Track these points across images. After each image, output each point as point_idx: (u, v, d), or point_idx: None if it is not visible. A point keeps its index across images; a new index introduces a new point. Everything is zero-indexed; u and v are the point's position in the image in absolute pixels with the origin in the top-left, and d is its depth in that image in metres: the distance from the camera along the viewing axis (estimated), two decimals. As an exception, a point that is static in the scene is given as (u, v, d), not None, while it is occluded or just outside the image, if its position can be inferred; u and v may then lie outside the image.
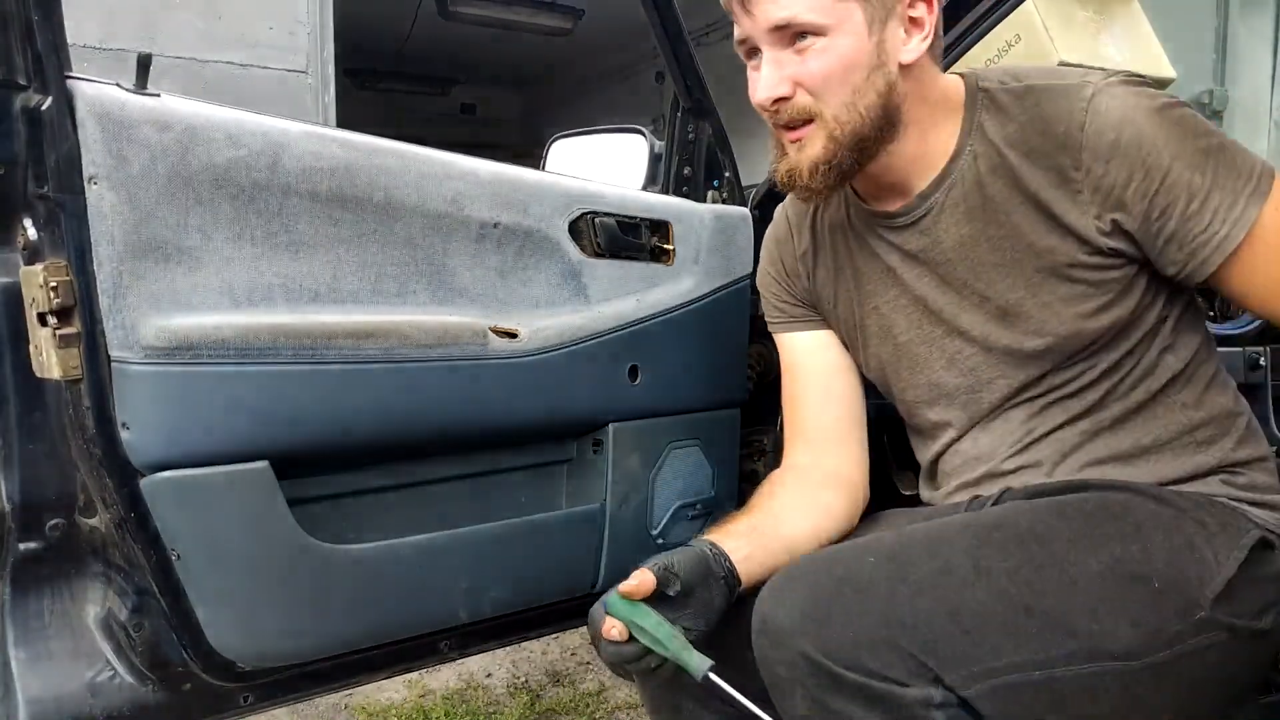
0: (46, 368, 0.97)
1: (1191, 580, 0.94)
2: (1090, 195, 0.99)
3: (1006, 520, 0.96)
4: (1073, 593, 0.90)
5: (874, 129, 1.01)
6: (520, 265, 1.27)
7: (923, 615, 0.86)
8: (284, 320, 1.06)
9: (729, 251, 1.50)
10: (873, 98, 1.00)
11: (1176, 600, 0.92)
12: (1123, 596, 0.91)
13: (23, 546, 1.03)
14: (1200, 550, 0.95)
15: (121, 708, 1.08)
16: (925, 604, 0.86)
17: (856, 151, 1.02)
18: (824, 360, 1.25)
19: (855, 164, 1.03)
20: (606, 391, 1.36)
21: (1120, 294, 1.02)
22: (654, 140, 1.63)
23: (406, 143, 1.18)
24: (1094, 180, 0.98)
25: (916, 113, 1.05)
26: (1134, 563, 0.92)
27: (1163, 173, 0.96)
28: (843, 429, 1.22)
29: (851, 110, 1.00)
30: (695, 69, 1.50)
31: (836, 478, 1.18)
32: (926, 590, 0.87)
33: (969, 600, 0.87)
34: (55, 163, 0.93)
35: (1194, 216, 0.96)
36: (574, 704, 2.25)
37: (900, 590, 0.87)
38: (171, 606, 1.06)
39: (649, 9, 1.42)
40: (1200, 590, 0.93)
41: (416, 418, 1.18)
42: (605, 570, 1.41)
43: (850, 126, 1.00)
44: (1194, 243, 0.97)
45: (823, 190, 1.03)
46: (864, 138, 1.01)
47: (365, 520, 1.21)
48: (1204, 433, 1.05)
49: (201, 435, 1.02)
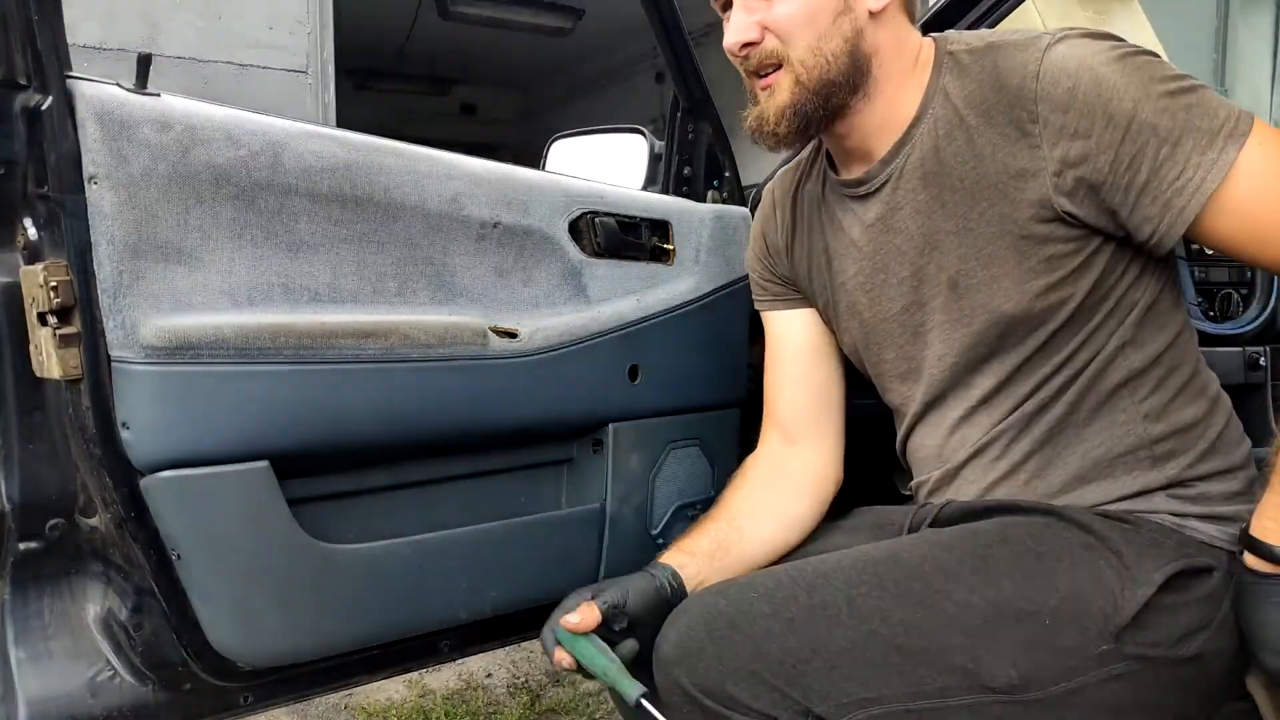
0: (46, 368, 0.97)
1: (1093, 613, 0.93)
2: (1049, 150, 0.94)
3: (898, 555, 0.99)
4: (948, 630, 0.92)
5: (841, 75, 1.01)
6: (520, 265, 1.27)
7: (790, 651, 0.90)
8: (284, 320, 1.06)
9: (729, 251, 1.50)
10: (839, 43, 1.00)
11: (1072, 634, 0.92)
12: (1004, 633, 0.92)
13: (23, 546, 1.03)
14: (1107, 583, 0.93)
15: (121, 708, 1.08)
16: (794, 641, 0.90)
17: (823, 98, 1.01)
18: (803, 340, 1.25)
19: (822, 112, 1.02)
20: (606, 391, 1.36)
21: (1075, 271, 0.98)
22: (654, 140, 1.63)
23: (406, 143, 1.18)
24: (1053, 132, 0.94)
25: (887, 69, 1.03)
26: (1021, 599, 0.93)
27: (1128, 118, 0.91)
28: (816, 414, 1.23)
29: (818, 55, 1.00)
30: (695, 69, 1.50)
31: (805, 476, 1.21)
32: (798, 627, 0.91)
33: (837, 637, 0.91)
34: (55, 162, 0.93)
35: (1166, 162, 0.91)
36: (574, 704, 2.25)
37: (774, 627, 0.91)
38: (171, 606, 1.06)
39: (649, 9, 1.42)
40: (1104, 623, 0.92)
41: (416, 418, 1.18)
42: (605, 570, 1.41)
43: (817, 71, 1.00)
44: (1169, 191, 0.91)
45: (788, 137, 1.03)
46: (830, 83, 1.01)
47: (365, 520, 1.21)
48: (1162, 447, 1.01)
49: (202, 435, 1.02)
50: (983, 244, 1.00)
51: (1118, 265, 0.99)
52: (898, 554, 0.99)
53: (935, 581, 0.94)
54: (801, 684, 0.89)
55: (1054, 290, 0.98)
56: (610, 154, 1.72)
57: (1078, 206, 0.95)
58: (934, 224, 1.04)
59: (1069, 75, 0.92)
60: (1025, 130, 0.96)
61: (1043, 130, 0.94)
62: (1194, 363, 1.05)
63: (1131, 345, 1.01)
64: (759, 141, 1.07)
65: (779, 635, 0.91)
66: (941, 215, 1.03)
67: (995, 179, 0.98)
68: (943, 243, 1.03)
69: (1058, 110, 0.93)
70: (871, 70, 1.02)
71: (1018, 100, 0.95)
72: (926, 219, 1.04)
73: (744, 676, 0.90)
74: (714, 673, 0.91)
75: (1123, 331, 1.00)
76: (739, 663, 0.90)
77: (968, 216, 1.01)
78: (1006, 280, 0.99)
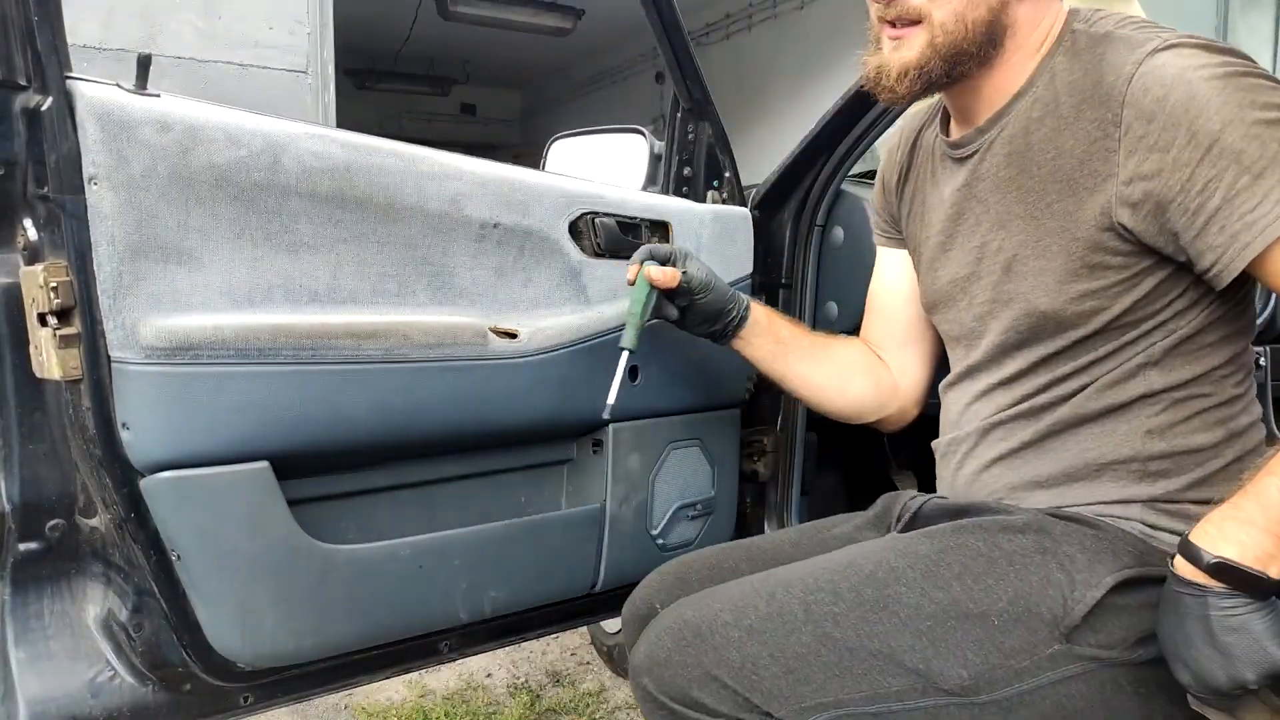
0: (46, 368, 0.97)
1: (1041, 614, 0.93)
2: (1124, 158, 0.91)
3: (855, 562, 1.01)
4: (900, 632, 0.94)
5: (974, 46, 0.98)
6: (520, 265, 1.27)
7: (749, 657, 0.94)
8: (284, 320, 1.06)
9: (729, 252, 1.50)
10: (983, 12, 0.97)
11: (1021, 635, 0.93)
12: (953, 634, 0.93)
13: (23, 547, 1.03)
14: (1057, 585, 0.94)
15: (121, 708, 1.08)
16: (753, 647, 0.94)
17: (949, 65, 0.99)
18: (894, 280, 1.29)
19: (945, 77, 1.00)
20: (607, 391, 1.36)
21: (1117, 285, 0.95)
22: (654, 140, 1.63)
23: (406, 143, 1.18)
24: (1132, 140, 0.90)
25: (1017, 42, 1.00)
26: (969, 601, 0.95)
27: (1211, 139, 0.85)
28: (899, 346, 1.30)
29: (959, 20, 0.97)
30: (695, 69, 1.50)
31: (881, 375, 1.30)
32: (756, 633, 0.95)
33: (793, 643, 0.94)
34: (55, 163, 0.93)
35: (1243, 192, 0.85)
36: (574, 704, 2.25)
37: (734, 634, 0.95)
38: (171, 607, 1.06)
39: (649, 9, 1.42)
40: (1053, 624, 0.92)
41: (416, 418, 1.18)
42: (605, 570, 1.41)
43: (954, 37, 0.97)
44: (1238, 222, 0.85)
45: (904, 96, 1.02)
46: (962, 52, 0.98)
47: (365, 520, 1.21)
48: (1157, 465, 0.99)
49: (202, 435, 1.02)
50: (1042, 235, 0.99)
51: (1167, 291, 0.95)
52: (854, 561, 1.01)
53: (887, 585, 0.97)
54: (761, 688, 0.93)
55: (1090, 298, 0.96)
56: (610, 154, 1.72)
57: (1138, 222, 0.91)
58: (1008, 203, 1.02)
59: (1162, 85, 0.88)
60: (1107, 132, 0.92)
61: (1123, 136, 0.91)
62: (1229, 396, 1.00)
63: (1155, 368, 0.98)
64: (872, 91, 1.05)
65: (739, 642, 0.95)
66: (1016, 196, 1.01)
67: (1070, 174, 0.96)
68: (1011, 224, 1.02)
69: (1142, 119, 0.89)
70: (1004, 43, 1.00)
71: (1108, 100, 0.92)
72: (1003, 196, 1.03)
73: (707, 682, 0.94)
74: (679, 679, 0.95)
75: (1150, 353, 0.97)
76: (702, 669, 0.95)
77: (1037, 204, 0.99)
78: (1050, 276, 0.98)
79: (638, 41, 8.35)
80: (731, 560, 1.19)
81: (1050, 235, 0.98)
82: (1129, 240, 0.93)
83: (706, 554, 1.23)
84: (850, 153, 1.55)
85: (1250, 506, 0.83)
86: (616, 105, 9.47)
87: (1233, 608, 0.81)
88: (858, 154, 1.56)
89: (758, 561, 1.18)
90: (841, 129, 1.52)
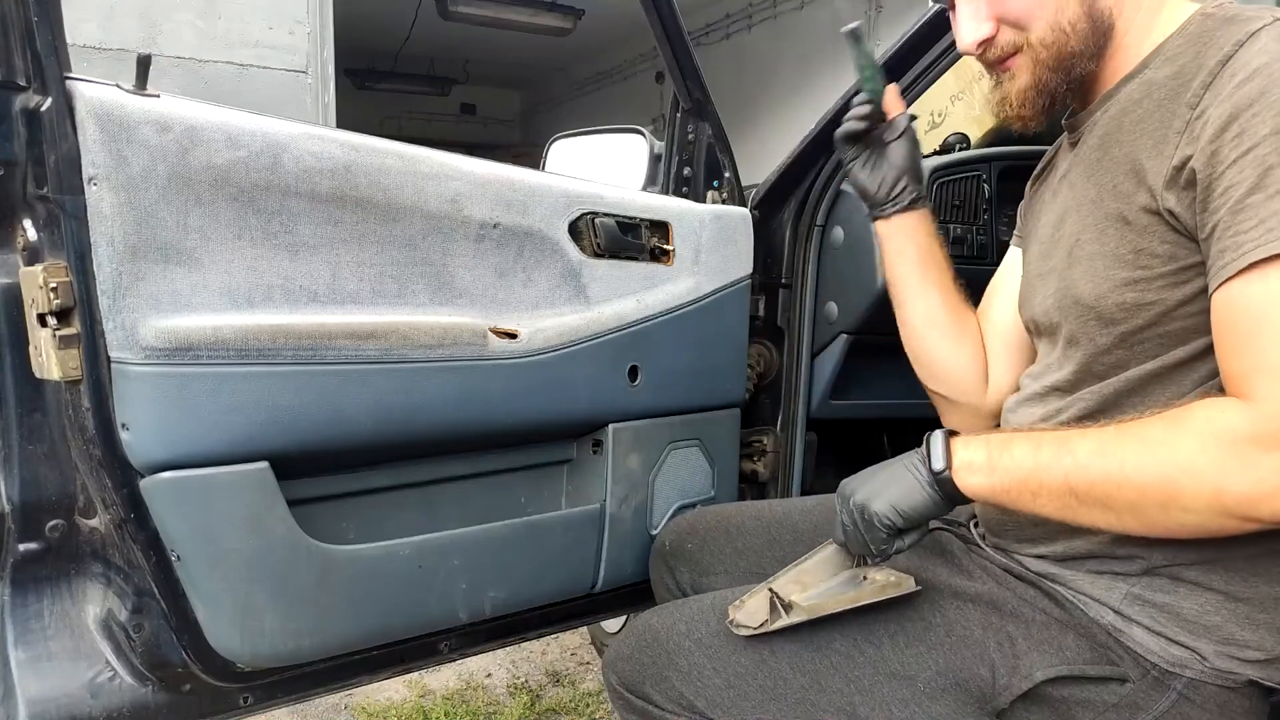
0: (46, 368, 0.97)
1: (970, 690, 0.95)
2: (1187, 140, 0.83)
3: None
4: (831, 674, 0.98)
5: (1082, 44, 0.95)
6: (520, 266, 1.27)
7: (696, 665, 1.02)
8: (284, 321, 1.06)
9: (729, 252, 1.50)
10: (1075, 9, 0.94)
11: (949, 705, 0.95)
12: (880, 689, 0.97)
13: (23, 547, 1.03)
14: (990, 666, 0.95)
15: (121, 708, 1.08)
16: (700, 658, 1.02)
17: (1065, 72, 0.97)
18: (1000, 282, 1.24)
19: (1065, 84, 0.97)
20: (606, 392, 1.36)
21: (1163, 278, 0.87)
22: (654, 140, 1.63)
23: (406, 143, 1.18)
24: (1200, 124, 0.82)
25: (1129, 18, 0.96)
26: (897, 661, 0.97)
27: (1254, 141, 0.77)
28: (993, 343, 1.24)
29: (1057, 30, 0.95)
30: (695, 69, 1.50)
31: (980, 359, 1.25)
32: (704, 647, 1.03)
33: (734, 661, 1.01)
34: (55, 163, 0.93)
35: (1249, 210, 0.77)
36: (574, 704, 2.25)
37: (685, 644, 1.04)
38: (171, 607, 1.06)
39: (649, 9, 1.42)
40: (982, 703, 0.95)
41: (416, 418, 1.18)
42: (605, 570, 1.41)
43: (1056, 48, 0.95)
44: (1228, 241, 0.79)
45: (1033, 117, 1.00)
46: (1072, 55, 0.96)
47: (365, 520, 1.21)
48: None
49: (201, 436, 1.02)
50: (1100, 218, 0.93)
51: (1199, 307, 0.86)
52: None
53: (822, 627, 0.99)
54: (705, 695, 1.00)
55: (1131, 288, 0.89)
56: (610, 154, 1.72)
57: (1182, 207, 0.84)
58: (1086, 187, 0.97)
59: (1247, 68, 0.80)
60: (1183, 115, 0.85)
61: (1195, 119, 0.83)
62: None
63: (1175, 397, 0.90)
64: (1009, 124, 1.02)
65: (688, 651, 1.03)
66: (1094, 179, 0.96)
67: (1140, 156, 0.89)
68: (1083, 207, 0.97)
69: (1218, 101, 0.81)
70: (1115, 24, 0.96)
71: (1195, 78, 0.85)
72: (1086, 179, 0.98)
73: (659, 681, 1.03)
74: (636, 676, 1.06)
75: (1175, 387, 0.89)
76: (655, 669, 1.04)
77: (1104, 186, 0.94)
78: (1100, 261, 0.92)
79: (638, 41, 8.35)
80: (739, 518, 1.29)
81: (1108, 219, 0.92)
82: (1175, 228, 0.86)
83: (719, 508, 1.36)
84: (850, 153, 1.55)
85: (1002, 461, 0.89)
86: (616, 105, 9.48)
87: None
88: (858, 154, 1.56)
89: (765, 522, 1.27)
90: (841, 129, 1.52)
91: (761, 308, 1.61)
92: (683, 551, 1.30)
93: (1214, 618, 0.90)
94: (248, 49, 4.41)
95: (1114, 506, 0.83)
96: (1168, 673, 0.91)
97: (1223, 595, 0.90)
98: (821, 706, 0.97)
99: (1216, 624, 0.90)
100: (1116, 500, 0.83)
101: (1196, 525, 0.81)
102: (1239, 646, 0.89)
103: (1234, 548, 0.88)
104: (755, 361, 1.62)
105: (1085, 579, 0.96)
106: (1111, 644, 0.93)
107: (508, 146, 10.83)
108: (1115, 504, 0.83)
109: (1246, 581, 0.89)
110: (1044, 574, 0.99)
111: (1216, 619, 0.90)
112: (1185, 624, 0.91)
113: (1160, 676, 0.91)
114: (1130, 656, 0.92)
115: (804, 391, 1.64)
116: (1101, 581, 0.95)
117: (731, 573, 1.25)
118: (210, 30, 4.29)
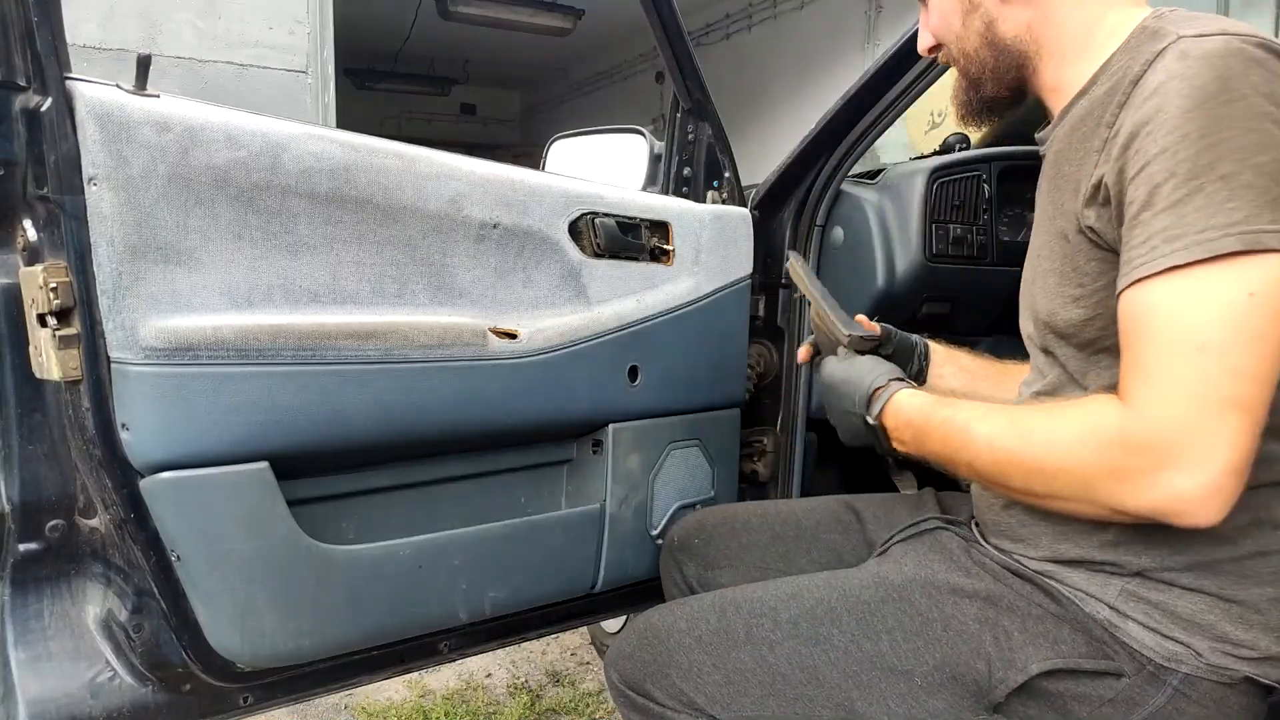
0: (46, 369, 0.97)
1: (967, 684, 0.96)
2: (1104, 155, 0.88)
3: (799, 594, 1.07)
4: (829, 669, 1.00)
5: (984, 69, 1.04)
6: (520, 266, 1.27)
7: (695, 663, 1.04)
8: (284, 321, 1.06)
9: (728, 252, 1.50)
10: (974, 39, 1.04)
11: (946, 699, 0.97)
12: (878, 685, 0.99)
13: (23, 547, 1.03)
14: (986, 660, 0.95)
15: (121, 708, 1.08)
16: (699, 655, 1.04)
17: (976, 91, 1.06)
18: None
19: (978, 103, 1.07)
20: (606, 392, 1.36)
21: (1100, 291, 0.91)
22: (654, 140, 1.63)
23: (406, 143, 1.18)
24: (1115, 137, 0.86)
25: (1047, 44, 1.00)
26: (895, 657, 0.99)
27: (1146, 159, 0.82)
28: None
29: (963, 55, 1.05)
30: (695, 69, 1.50)
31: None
32: (704, 644, 1.05)
33: (734, 658, 1.03)
34: (55, 163, 0.93)
35: (1140, 227, 0.82)
36: (574, 704, 2.25)
37: (685, 641, 1.06)
38: (171, 607, 1.06)
39: (649, 9, 1.42)
40: (978, 696, 0.96)
41: (416, 418, 1.18)
42: (605, 571, 1.41)
43: (968, 68, 1.06)
44: (1126, 256, 0.83)
45: (968, 119, 1.09)
46: (978, 78, 1.05)
47: (365, 520, 1.21)
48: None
49: (201, 436, 1.02)
50: (1052, 235, 0.97)
51: None
52: (799, 593, 1.07)
53: (822, 624, 1.02)
54: (705, 692, 1.02)
55: (1077, 305, 0.93)
56: (610, 154, 1.72)
57: (1097, 219, 0.89)
58: (1045, 204, 1.01)
59: (1149, 88, 0.84)
60: (1103, 134, 0.89)
61: (1111, 138, 0.87)
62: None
63: None
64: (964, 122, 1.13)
65: (688, 649, 1.05)
66: (1050, 198, 0.99)
67: (1079, 173, 0.93)
68: (1042, 224, 1.02)
69: (1128, 120, 0.85)
70: (1024, 49, 1.02)
71: (1114, 97, 0.89)
72: (1046, 196, 1.02)
73: (660, 678, 1.05)
74: (638, 673, 1.08)
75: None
76: (656, 667, 1.06)
77: (1056, 204, 0.97)
78: (1052, 277, 0.97)
79: (638, 41, 8.35)
80: (744, 515, 1.31)
81: (1056, 237, 0.97)
82: (1097, 244, 0.90)
83: (726, 507, 1.40)
84: (850, 153, 1.55)
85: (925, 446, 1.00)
86: (616, 105, 9.48)
87: None
88: (858, 154, 1.56)
89: (769, 519, 1.29)
90: (841, 129, 1.52)
91: (761, 308, 1.61)
92: (690, 547, 1.33)
93: (1208, 616, 0.91)
94: (248, 49, 4.41)
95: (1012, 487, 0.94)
96: (1163, 668, 0.91)
97: (1215, 597, 0.90)
98: (820, 702, 0.99)
99: (1211, 622, 0.90)
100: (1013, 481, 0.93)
101: (1076, 510, 0.90)
102: (1233, 645, 0.90)
103: (1219, 550, 0.89)
104: (755, 361, 1.62)
105: (1080, 576, 0.97)
106: (1107, 639, 0.94)
107: (508, 146, 10.84)
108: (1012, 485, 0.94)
109: (1239, 584, 0.90)
110: (1041, 570, 1.00)
111: (1210, 618, 0.90)
112: (1180, 621, 0.91)
113: (1155, 672, 0.91)
114: (1126, 651, 0.92)
115: (804, 391, 1.64)
116: (1097, 578, 0.96)
117: (736, 568, 1.27)
118: (210, 30, 4.29)
